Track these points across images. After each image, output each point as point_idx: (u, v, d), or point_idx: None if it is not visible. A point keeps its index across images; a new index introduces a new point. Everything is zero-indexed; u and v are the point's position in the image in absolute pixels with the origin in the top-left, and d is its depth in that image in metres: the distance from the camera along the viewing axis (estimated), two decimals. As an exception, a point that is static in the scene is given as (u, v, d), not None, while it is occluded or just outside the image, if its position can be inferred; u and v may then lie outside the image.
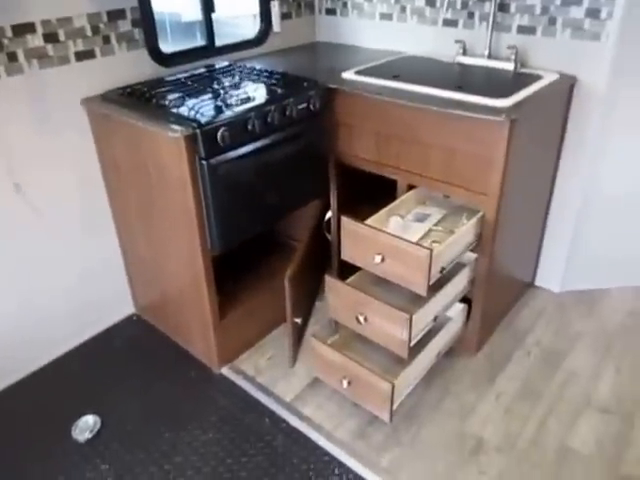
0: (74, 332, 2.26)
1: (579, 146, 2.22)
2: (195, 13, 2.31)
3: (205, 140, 1.65)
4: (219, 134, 1.67)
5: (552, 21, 2.10)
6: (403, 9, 2.49)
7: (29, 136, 1.88)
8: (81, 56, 1.94)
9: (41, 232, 2.01)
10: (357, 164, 2.16)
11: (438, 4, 2.37)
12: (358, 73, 2.12)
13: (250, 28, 2.56)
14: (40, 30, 1.81)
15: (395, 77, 2.03)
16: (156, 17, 2.10)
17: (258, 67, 2.24)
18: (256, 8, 2.51)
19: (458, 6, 2.31)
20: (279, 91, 1.94)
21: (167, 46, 2.21)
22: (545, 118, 2.07)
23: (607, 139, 2.18)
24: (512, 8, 2.17)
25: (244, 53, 2.51)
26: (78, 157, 2.04)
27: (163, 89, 1.99)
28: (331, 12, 2.75)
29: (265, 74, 2.14)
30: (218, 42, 2.38)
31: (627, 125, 2.15)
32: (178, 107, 1.80)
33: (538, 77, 2.02)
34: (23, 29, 1.77)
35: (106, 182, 2.14)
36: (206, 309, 1.97)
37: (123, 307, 2.41)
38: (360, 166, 2.15)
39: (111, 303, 2.35)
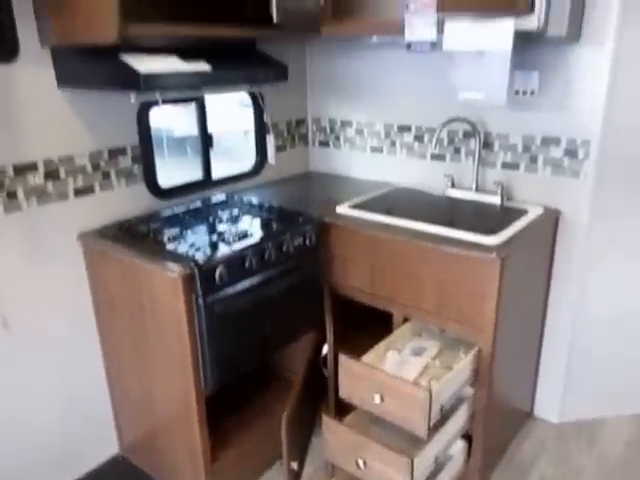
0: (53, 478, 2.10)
1: (567, 274, 2.26)
2: (187, 130, 2.39)
3: (203, 279, 1.65)
4: (217, 273, 1.67)
5: (534, 159, 2.22)
6: (393, 143, 2.62)
7: (22, 271, 1.86)
8: (80, 192, 1.98)
9: (23, 364, 1.93)
10: (352, 295, 2.16)
11: (426, 140, 2.50)
12: (352, 207, 2.18)
13: (242, 143, 2.64)
14: (42, 169, 1.86)
15: (388, 211, 2.09)
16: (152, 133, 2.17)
17: (254, 201, 2.30)
18: (248, 125, 2.62)
19: (445, 142, 2.43)
20: (276, 226, 1.98)
21: (163, 160, 2.25)
22: (533, 251, 2.13)
23: (592, 267, 2.23)
24: (496, 146, 2.30)
25: (240, 184, 2.59)
26: (71, 291, 2.01)
27: (160, 224, 2.02)
28: (324, 144, 2.89)
29: (261, 208, 2.19)
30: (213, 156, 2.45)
31: (609, 253, 2.21)
32: (175, 244, 1.82)
33: (524, 212, 2.10)
34: (25, 168, 1.81)
35: (98, 316, 2.09)
36: (197, 452, 1.87)
37: (107, 447, 2.27)
38: (355, 297, 2.15)
39: (94, 442, 2.21)
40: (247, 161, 2.65)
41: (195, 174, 2.41)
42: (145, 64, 1.61)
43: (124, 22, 1.50)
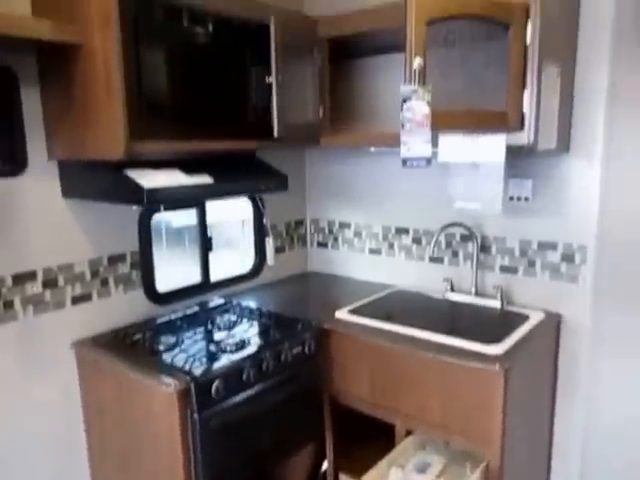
0: None
1: (572, 381, 2.20)
2: (185, 220, 2.41)
3: (198, 394, 1.60)
4: (213, 387, 1.63)
5: (531, 263, 2.23)
6: (391, 246, 2.65)
7: (12, 381, 1.81)
8: (77, 300, 1.96)
9: (8, 474, 1.83)
10: (353, 405, 2.09)
11: (424, 242, 2.53)
12: (351, 312, 2.16)
13: (239, 231, 2.68)
14: (40, 277, 1.85)
15: (388, 317, 2.07)
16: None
17: (252, 305, 2.29)
18: (245, 215, 2.64)
19: (443, 245, 2.46)
20: (274, 334, 1.95)
21: (161, 251, 2.25)
22: (537, 358, 2.09)
23: (598, 373, 2.17)
24: (493, 250, 2.32)
25: (238, 287, 2.58)
26: (61, 401, 1.94)
27: (157, 331, 1.99)
28: (323, 245, 2.92)
29: (259, 314, 2.17)
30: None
31: (614, 358, 2.15)
32: (171, 354, 1.78)
33: (525, 317, 2.08)
34: (24, 278, 1.81)
35: (87, 429, 2.01)
36: None
37: None
38: (356, 407, 2.08)
39: None
40: (244, 250, 2.67)
41: (193, 269, 2.40)
42: (149, 179, 1.65)
43: (130, 140, 1.56)
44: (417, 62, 1.62)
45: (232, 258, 2.65)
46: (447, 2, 1.64)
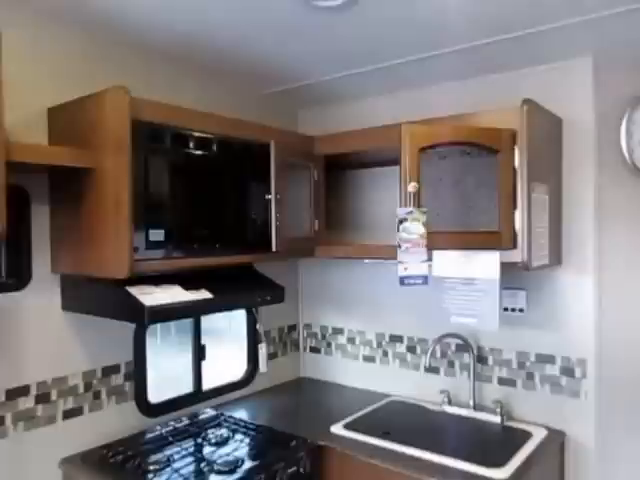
0: None
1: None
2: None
3: (188, 526, 1.52)
4: (204, 517, 1.55)
5: (530, 376, 2.21)
6: (385, 353, 2.62)
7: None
8: (69, 414, 1.91)
9: None
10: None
11: (418, 351, 2.51)
12: (347, 427, 2.10)
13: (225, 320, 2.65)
14: (34, 392, 1.81)
15: (385, 434, 2.01)
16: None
17: (244, 419, 2.22)
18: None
19: (438, 354, 2.44)
20: (267, 454, 1.88)
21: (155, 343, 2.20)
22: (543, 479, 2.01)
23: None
24: (490, 361, 2.31)
25: (231, 395, 2.52)
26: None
27: (146, 448, 1.92)
28: (316, 351, 2.89)
29: (252, 429, 2.10)
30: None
31: (623, 475, 2.09)
32: (161, 476, 1.71)
33: (528, 435, 2.03)
34: (17, 392, 1.77)
35: None
36: None
37: None
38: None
39: None
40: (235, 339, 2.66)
41: (185, 365, 2.36)
42: (149, 297, 1.66)
43: (134, 260, 1.60)
44: (412, 186, 1.70)
45: (225, 357, 2.61)
46: (438, 130, 1.75)
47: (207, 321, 2.47)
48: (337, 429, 2.10)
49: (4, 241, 1.59)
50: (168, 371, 2.39)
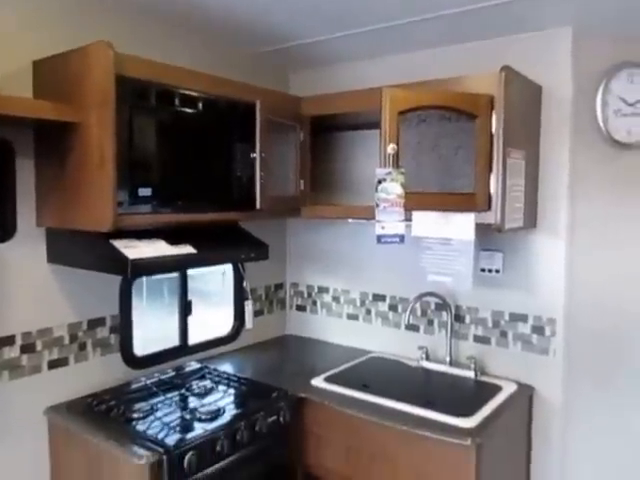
0: None
1: (545, 456, 2.23)
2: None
3: (171, 467, 1.60)
4: (186, 459, 1.63)
5: (504, 334, 2.30)
6: (368, 312, 2.70)
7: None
8: (54, 364, 1.96)
9: None
10: (327, 478, 2.08)
11: (400, 309, 2.59)
12: (327, 380, 2.18)
13: (218, 283, 2.71)
14: (19, 342, 1.86)
15: (364, 387, 2.10)
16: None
17: (228, 371, 2.30)
18: (225, 266, 2.68)
19: (418, 313, 2.52)
20: (249, 403, 1.96)
21: (141, 304, 2.25)
22: (510, 431, 2.12)
23: (571, 448, 2.21)
24: (467, 319, 2.39)
25: (216, 350, 2.60)
26: (30, 469, 1.91)
27: (131, 398, 1.99)
28: (301, 308, 2.96)
29: (235, 381, 2.18)
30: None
31: (587, 433, 2.20)
32: (145, 423, 1.78)
33: (498, 388, 2.12)
34: (2, 342, 1.82)
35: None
36: None
37: None
38: (330, 479, 2.07)
39: None
40: (223, 302, 2.72)
41: (170, 324, 2.42)
42: (133, 250, 1.70)
43: (118, 214, 1.63)
44: (391, 147, 1.73)
45: (211, 315, 2.67)
46: (417, 94, 1.77)
47: (198, 282, 2.52)
48: (317, 382, 2.18)
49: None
50: (157, 331, 2.44)
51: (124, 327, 2.17)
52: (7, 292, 1.82)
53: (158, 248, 1.80)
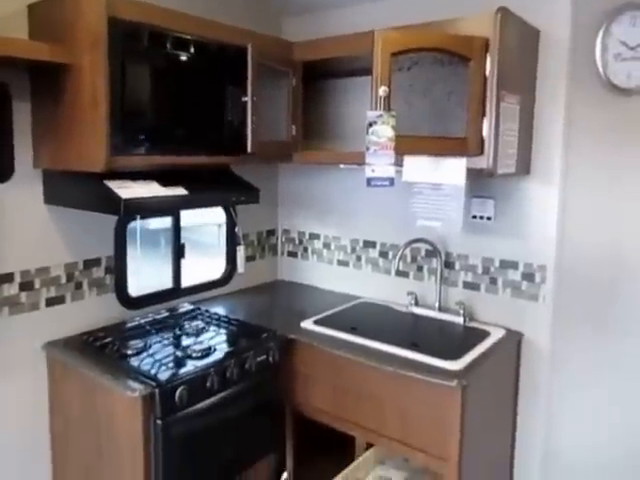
0: None
1: (532, 402, 2.28)
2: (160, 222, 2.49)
3: (162, 400, 1.66)
4: (177, 393, 1.69)
5: (493, 281, 2.33)
6: (359, 258, 2.73)
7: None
8: (51, 302, 2.01)
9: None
10: (314, 416, 2.16)
11: (390, 256, 2.61)
12: (316, 323, 2.24)
13: (214, 236, 2.71)
14: (18, 280, 1.90)
15: (352, 329, 2.15)
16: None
17: (220, 313, 2.35)
18: (221, 219, 2.72)
19: (408, 259, 2.55)
20: (239, 342, 2.02)
21: (135, 251, 2.29)
22: (497, 376, 2.17)
23: (557, 394, 2.26)
24: (457, 266, 2.42)
25: (209, 293, 2.65)
26: (29, 402, 1.99)
27: (126, 335, 2.05)
28: (293, 255, 3.00)
29: (227, 322, 2.24)
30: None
31: (574, 379, 2.24)
32: (138, 359, 1.84)
33: (486, 333, 2.16)
34: (1, 279, 1.86)
35: (52, 431, 2.05)
36: None
37: None
38: (317, 418, 2.15)
39: None
40: (218, 254, 2.74)
41: (164, 272, 2.46)
42: (127, 190, 1.72)
43: (111, 154, 1.65)
44: (382, 90, 1.71)
45: (205, 263, 2.71)
46: (410, 36, 1.74)
47: (194, 234, 2.53)
48: (306, 324, 2.23)
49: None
50: (152, 276, 2.47)
51: (119, 268, 2.20)
52: (5, 232, 1.85)
53: (151, 189, 1.82)
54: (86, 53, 1.62)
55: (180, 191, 1.90)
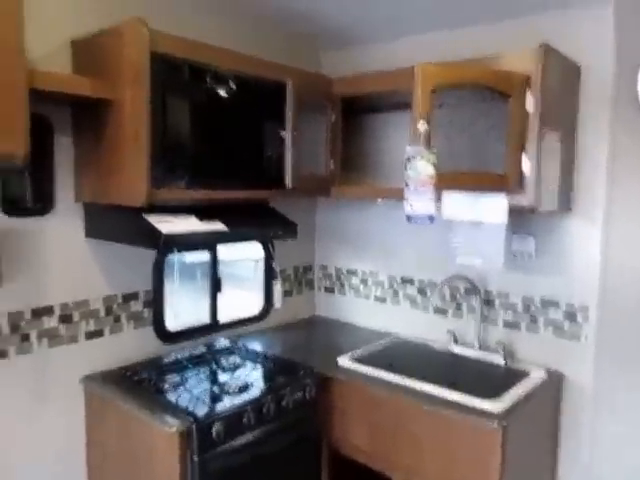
0: None
1: (574, 442, 2.20)
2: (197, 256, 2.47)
3: (200, 436, 1.64)
4: (214, 429, 1.67)
5: (534, 319, 2.27)
6: (396, 294, 2.70)
7: (20, 407, 1.87)
8: (90, 335, 2.04)
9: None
10: (351, 454, 2.11)
11: (428, 293, 2.58)
12: (353, 360, 2.20)
13: (251, 269, 2.73)
14: (57, 312, 1.94)
15: (390, 367, 2.10)
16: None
17: (257, 349, 2.35)
18: (258, 252, 2.69)
19: (447, 297, 2.50)
20: (276, 379, 2.00)
21: (172, 285, 2.31)
22: (537, 417, 2.10)
23: (599, 437, 2.16)
24: (496, 304, 2.36)
25: (245, 329, 2.64)
26: (65, 433, 1.99)
27: (163, 370, 2.05)
28: (330, 290, 2.98)
29: (263, 357, 2.22)
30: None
31: (618, 418, 2.14)
32: (175, 394, 1.84)
33: (527, 374, 2.10)
34: (41, 312, 1.89)
35: (88, 464, 2.05)
36: None
37: None
38: (354, 457, 2.10)
39: None
40: (254, 289, 2.73)
41: (202, 306, 2.46)
42: (167, 225, 1.75)
43: (152, 189, 1.68)
44: (422, 125, 1.72)
45: (242, 297, 2.70)
46: (450, 71, 1.75)
47: (231, 268, 2.55)
48: (344, 361, 2.20)
49: (28, 168, 1.67)
50: (189, 310, 2.47)
51: (157, 301, 2.22)
52: (46, 264, 1.89)
53: (190, 223, 1.84)
54: (128, 88, 1.66)
55: (219, 226, 1.92)
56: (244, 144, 2.00)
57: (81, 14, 1.88)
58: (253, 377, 2.02)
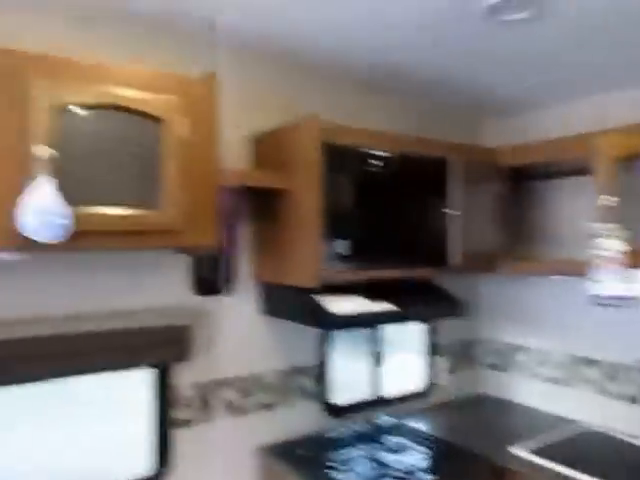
0: None
1: None
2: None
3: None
4: (383, 519, 1.61)
5: None
6: (574, 376, 2.44)
7: (200, 474, 1.98)
8: (262, 407, 2.11)
9: None
10: None
11: (613, 376, 2.29)
12: (530, 450, 2.01)
13: (413, 342, 2.66)
14: (236, 384, 2.05)
15: (574, 464, 1.88)
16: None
17: (423, 429, 2.25)
18: (420, 325, 2.63)
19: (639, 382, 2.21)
20: (444, 468, 1.90)
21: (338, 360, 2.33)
22: None
23: None
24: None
25: (409, 405, 2.56)
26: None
27: (329, 447, 2.06)
28: (495, 367, 2.80)
29: (430, 441, 2.12)
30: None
31: None
32: (342, 474, 1.82)
33: None
34: (221, 384, 2.02)
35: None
36: None
37: None
38: None
39: None
40: (418, 362, 2.67)
41: (367, 380, 2.46)
42: (336, 305, 1.79)
43: (323, 271, 1.75)
44: (607, 199, 1.58)
45: (405, 371, 2.65)
46: (635, 140, 1.60)
47: (393, 341, 2.53)
48: (519, 451, 2.01)
49: (222, 254, 1.85)
50: (353, 382, 2.49)
51: (323, 376, 2.25)
52: (227, 340, 2.04)
53: (359, 303, 1.87)
54: (302, 177, 1.78)
55: (388, 306, 1.92)
56: (406, 223, 2.01)
57: (259, 111, 2.08)
58: (419, 462, 1.93)
